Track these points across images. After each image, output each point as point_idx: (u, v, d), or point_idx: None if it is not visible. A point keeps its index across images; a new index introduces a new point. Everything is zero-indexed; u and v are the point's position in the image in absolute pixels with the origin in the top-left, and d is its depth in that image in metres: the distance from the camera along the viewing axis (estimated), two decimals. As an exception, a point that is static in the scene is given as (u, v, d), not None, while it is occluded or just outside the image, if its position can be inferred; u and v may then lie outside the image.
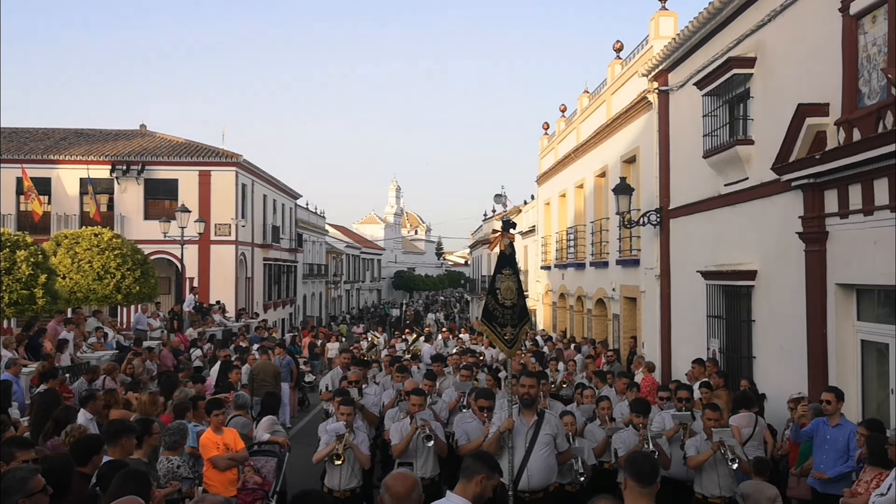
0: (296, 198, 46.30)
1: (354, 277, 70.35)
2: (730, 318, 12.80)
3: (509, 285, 7.23)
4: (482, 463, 4.61)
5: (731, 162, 12.21)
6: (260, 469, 8.74)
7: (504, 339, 7.20)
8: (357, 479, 7.99)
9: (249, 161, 34.58)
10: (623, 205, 16.04)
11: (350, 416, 8.01)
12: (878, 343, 9.09)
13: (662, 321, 15.80)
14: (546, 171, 29.82)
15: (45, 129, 35.59)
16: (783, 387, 10.20)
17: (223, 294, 31.33)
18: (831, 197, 9.53)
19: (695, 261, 13.85)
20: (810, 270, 9.95)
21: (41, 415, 8.64)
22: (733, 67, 11.86)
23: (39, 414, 8.76)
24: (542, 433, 7.10)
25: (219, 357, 16.59)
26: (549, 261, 28.36)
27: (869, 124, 8.61)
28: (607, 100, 20.72)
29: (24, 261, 16.26)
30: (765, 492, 7.97)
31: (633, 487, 4.51)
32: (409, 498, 4.00)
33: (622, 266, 18.99)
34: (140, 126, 36.87)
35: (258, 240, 36.88)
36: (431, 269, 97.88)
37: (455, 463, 7.93)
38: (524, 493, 6.96)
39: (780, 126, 10.29)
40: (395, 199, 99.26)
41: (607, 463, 8.74)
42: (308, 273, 49.63)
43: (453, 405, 10.21)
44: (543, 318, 29.71)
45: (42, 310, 16.90)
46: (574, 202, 24.91)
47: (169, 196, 32.17)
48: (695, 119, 13.62)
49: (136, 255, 22.76)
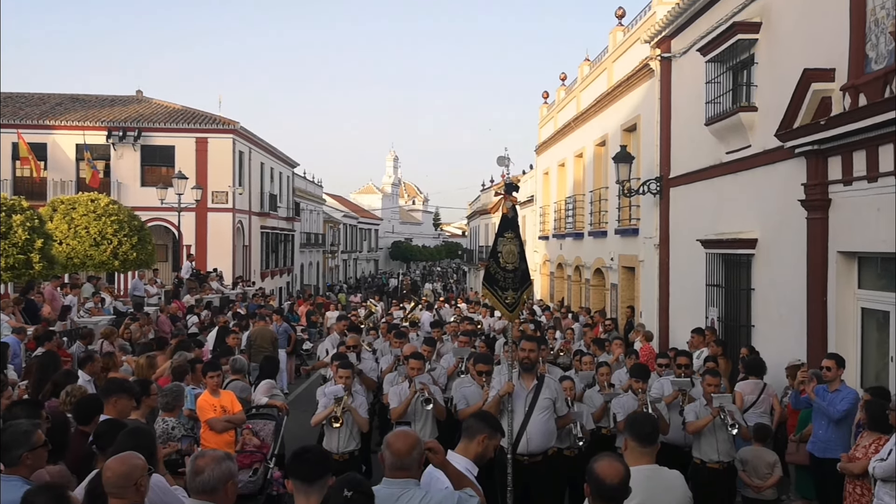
0: (293, 166, 46.07)
1: (352, 247, 70.30)
2: (729, 287, 12.77)
3: (511, 249, 7.16)
4: (484, 423, 4.58)
5: (734, 129, 12.09)
6: (258, 432, 8.75)
7: (505, 303, 7.14)
8: (356, 442, 7.98)
9: (246, 128, 34.35)
10: (623, 173, 15.94)
11: (348, 379, 7.97)
12: (879, 311, 9.06)
13: (661, 290, 15.78)
14: (545, 140, 29.63)
15: (41, 95, 35.26)
16: (782, 355, 10.19)
17: (220, 262, 31.21)
18: (835, 164, 9.44)
19: (694, 230, 13.79)
20: (812, 238, 9.89)
21: (40, 377, 8.62)
22: (738, 33, 11.70)
23: (39, 376, 8.74)
24: (542, 397, 7.09)
25: (216, 323, 16.59)
26: (548, 231, 28.28)
27: (875, 89, 8.49)
28: (608, 67, 20.51)
29: (20, 225, 16.16)
30: (764, 457, 8.00)
31: (633, 448, 4.49)
32: (409, 455, 3.96)
33: (621, 235, 18.92)
34: (136, 92, 36.55)
35: (255, 208, 36.73)
36: (429, 240, 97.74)
37: (454, 428, 7.93)
38: (523, 456, 6.96)
39: (785, 92, 10.16)
40: (392, 168, 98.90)
41: (605, 429, 8.74)
42: (305, 242, 49.55)
43: (452, 371, 10.20)
44: (541, 289, 29.68)
45: (39, 275, 16.83)
46: (573, 171, 24.78)
47: (165, 163, 31.99)
48: (697, 86, 13.47)
49: (133, 221, 22.66)
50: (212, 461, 3.82)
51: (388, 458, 3.99)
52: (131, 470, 4.03)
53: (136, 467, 4.07)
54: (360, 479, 3.50)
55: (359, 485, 3.44)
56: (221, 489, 3.78)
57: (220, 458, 3.86)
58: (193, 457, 3.92)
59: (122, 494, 3.98)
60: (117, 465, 4.03)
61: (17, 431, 4.57)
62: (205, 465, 3.79)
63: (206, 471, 3.77)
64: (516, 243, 7.23)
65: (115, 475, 3.98)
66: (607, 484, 3.67)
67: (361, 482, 3.49)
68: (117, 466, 4.02)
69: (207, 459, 3.84)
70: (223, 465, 3.83)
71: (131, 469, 4.04)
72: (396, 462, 3.96)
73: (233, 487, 3.88)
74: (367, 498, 3.43)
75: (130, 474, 4.02)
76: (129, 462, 4.07)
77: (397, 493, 3.89)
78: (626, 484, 3.72)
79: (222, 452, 3.99)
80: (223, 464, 3.83)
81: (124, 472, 4.00)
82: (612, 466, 3.72)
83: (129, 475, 4.01)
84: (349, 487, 3.38)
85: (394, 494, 3.88)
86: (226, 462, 3.86)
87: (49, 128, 31.34)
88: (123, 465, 4.03)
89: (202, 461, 3.82)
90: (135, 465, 4.08)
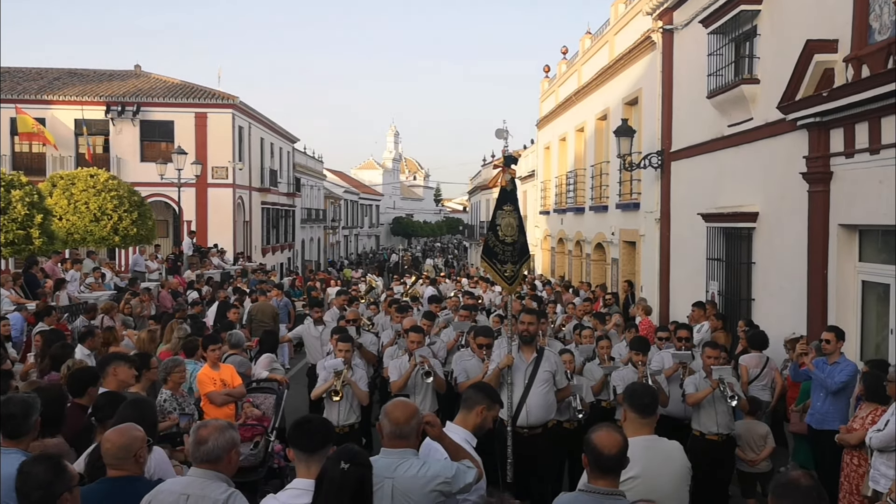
0: (293, 142, 45.83)
1: (353, 223, 70.18)
2: (730, 261, 12.75)
3: (510, 221, 7.13)
4: (483, 394, 4.58)
5: (736, 102, 12.01)
6: (259, 406, 8.76)
7: (504, 276, 7.13)
8: (356, 416, 7.99)
9: (246, 103, 34.15)
10: (624, 147, 15.85)
11: (348, 352, 7.96)
12: (879, 284, 9.05)
13: (661, 265, 15.77)
14: (546, 114, 29.46)
15: (38, 69, 34.96)
16: (782, 328, 10.19)
17: (221, 238, 31.15)
18: (837, 136, 9.37)
19: (695, 203, 13.74)
20: (813, 211, 9.85)
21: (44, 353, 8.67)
22: (741, 4, 11.57)
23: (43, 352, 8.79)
24: (542, 370, 7.09)
25: (217, 298, 16.60)
26: (548, 206, 28.20)
27: (878, 60, 8.41)
28: (610, 40, 20.33)
29: (19, 200, 16.13)
30: (755, 430, 8.07)
31: (633, 419, 4.49)
32: (408, 424, 3.96)
33: (622, 210, 18.87)
34: (135, 67, 36.25)
35: (256, 183, 36.59)
36: (430, 216, 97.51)
37: (454, 402, 7.95)
38: (523, 428, 6.98)
39: (787, 64, 10.07)
40: (393, 144, 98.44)
41: (605, 401, 8.75)
42: (306, 218, 49.43)
43: (451, 345, 10.21)
44: (542, 264, 29.68)
45: (39, 250, 16.83)
46: (574, 146, 24.66)
47: (165, 138, 31.81)
48: (699, 59, 13.36)
49: (133, 197, 22.62)
50: (215, 430, 3.83)
51: (387, 426, 3.98)
52: (131, 441, 4.05)
53: (135, 439, 4.08)
54: (357, 449, 3.50)
55: (356, 456, 3.42)
56: (225, 458, 3.81)
57: (223, 428, 3.87)
58: (196, 427, 3.93)
59: (122, 466, 4.00)
60: (116, 436, 4.05)
61: (27, 400, 4.58)
62: (208, 434, 3.80)
63: (210, 440, 3.78)
64: (515, 216, 7.20)
65: (115, 446, 4.00)
66: (605, 454, 3.67)
67: (358, 453, 3.47)
68: (116, 438, 4.03)
69: (210, 429, 3.85)
70: (226, 434, 3.84)
71: (131, 441, 4.05)
72: (395, 430, 3.96)
73: (236, 456, 3.91)
74: (364, 469, 3.42)
75: (130, 446, 4.03)
76: (128, 433, 4.08)
77: (395, 463, 3.89)
78: (624, 454, 3.72)
79: (225, 422, 4.00)
80: (226, 433, 3.84)
81: (124, 443, 4.02)
82: (610, 437, 3.72)
83: (128, 447, 4.02)
84: (346, 459, 3.36)
85: (392, 464, 3.89)
86: (229, 431, 3.87)
87: (47, 103, 31.10)
88: (122, 436, 4.05)
89: (205, 431, 3.83)
90: (134, 437, 4.09)
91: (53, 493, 3.42)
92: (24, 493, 3.44)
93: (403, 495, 3.79)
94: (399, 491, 3.79)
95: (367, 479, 3.43)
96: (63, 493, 3.45)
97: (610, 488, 3.69)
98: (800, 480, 3.07)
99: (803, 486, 3.04)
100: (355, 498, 3.33)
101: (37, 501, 3.41)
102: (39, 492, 3.40)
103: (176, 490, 3.75)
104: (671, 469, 4.37)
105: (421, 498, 3.79)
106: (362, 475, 3.39)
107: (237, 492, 3.78)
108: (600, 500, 3.66)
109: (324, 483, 3.35)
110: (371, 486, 3.46)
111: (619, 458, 3.70)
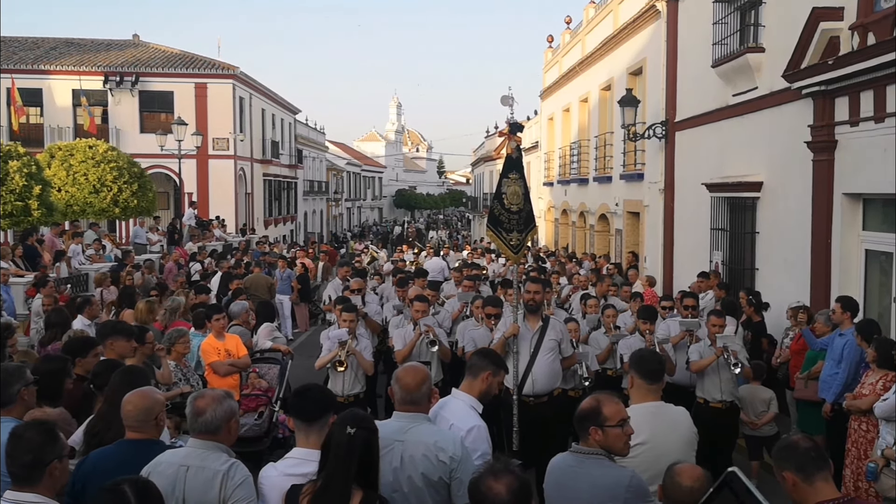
0: (295, 113, 45.59)
1: (355, 195, 70.01)
2: (733, 231, 12.72)
3: (516, 190, 7.09)
4: (488, 360, 4.57)
5: (741, 71, 11.90)
6: (263, 376, 8.79)
7: (510, 245, 7.11)
8: (361, 385, 8.00)
9: (247, 73, 33.90)
10: (628, 117, 15.75)
11: (353, 322, 7.94)
12: (882, 252, 9.04)
13: (665, 235, 15.74)
14: (550, 85, 29.25)
15: (35, 39, 34.67)
16: (786, 298, 10.18)
17: (223, 209, 31.06)
18: (842, 105, 9.29)
19: (700, 173, 13.69)
20: (817, 180, 9.80)
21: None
22: (747, -29, 11.45)
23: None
24: (547, 338, 7.09)
25: (219, 269, 16.59)
26: (552, 177, 28.10)
27: (885, 28, 8.32)
28: (614, 10, 20.12)
29: (16, 171, 15.98)
30: (759, 395, 8.16)
31: (640, 385, 4.50)
32: (419, 390, 3.97)
33: (626, 181, 18.80)
34: (133, 36, 35.97)
35: (257, 155, 36.44)
36: (433, 188, 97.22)
37: (459, 371, 7.96)
38: (528, 397, 7.00)
39: (793, 33, 9.96)
40: (395, 116, 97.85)
41: (611, 370, 8.79)
42: (308, 190, 49.30)
43: (456, 315, 10.23)
44: (545, 235, 29.64)
45: (38, 221, 16.77)
46: (578, 117, 24.52)
47: (165, 109, 31.58)
48: (704, 28, 13.22)
49: (133, 168, 22.48)
50: (212, 401, 3.75)
51: (398, 392, 3.99)
52: (153, 404, 4.04)
53: (157, 402, 4.08)
54: (363, 414, 3.49)
55: (362, 420, 3.42)
56: (224, 427, 3.74)
57: (220, 398, 3.80)
58: (192, 397, 3.85)
59: (142, 428, 3.98)
60: (139, 398, 4.02)
61: (9, 369, 4.57)
62: (206, 405, 3.73)
63: (208, 411, 3.71)
64: (521, 184, 7.16)
65: (137, 409, 3.97)
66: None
67: (364, 417, 3.48)
68: (139, 400, 4.01)
69: (208, 399, 3.77)
70: (224, 403, 3.77)
71: (153, 404, 4.04)
72: (406, 396, 3.97)
73: (235, 425, 3.85)
74: (370, 433, 3.42)
75: (152, 408, 4.02)
76: (150, 396, 4.07)
77: (407, 426, 3.90)
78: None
79: (222, 391, 3.93)
80: (224, 402, 3.78)
81: (146, 405, 4.00)
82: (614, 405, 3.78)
83: (150, 409, 4.01)
84: (352, 423, 3.36)
85: (403, 427, 3.90)
86: (227, 401, 3.81)
87: (44, 73, 30.89)
88: (145, 399, 4.03)
89: (202, 402, 3.75)
90: (156, 400, 4.09)
91: (43, 460, 3.37)
92: (14, 456, 3.38)
93: (411, 459, 3.79)
94: (408, 454, 3.79)
95: (374, 443, 3.43)
96: (53, 460, 3.40)
97: (592, 448, 3.80)
98: (799, 443, 3.23)
99: (802, 447, 3.20)
100: (362, 462, 3.33)
101: (27, 465, 3.36)
102: (29, 456, 3.35)
103: (175, 461, 3.69)
104: (678, 435, 4.39)
105: (427, 465, 3.78)
106: (368, 439, 3.39)
107: (238, 462, 3.72)
108: (583, 460, 3.84)
109: (330, 448, 3.35)
110: (378, 449, 3.46)
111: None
